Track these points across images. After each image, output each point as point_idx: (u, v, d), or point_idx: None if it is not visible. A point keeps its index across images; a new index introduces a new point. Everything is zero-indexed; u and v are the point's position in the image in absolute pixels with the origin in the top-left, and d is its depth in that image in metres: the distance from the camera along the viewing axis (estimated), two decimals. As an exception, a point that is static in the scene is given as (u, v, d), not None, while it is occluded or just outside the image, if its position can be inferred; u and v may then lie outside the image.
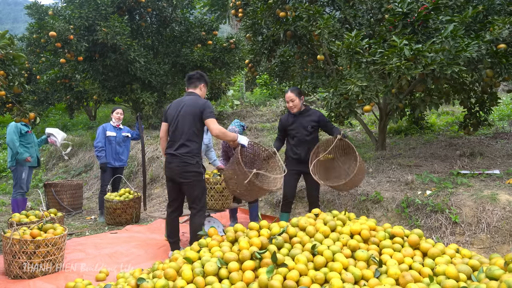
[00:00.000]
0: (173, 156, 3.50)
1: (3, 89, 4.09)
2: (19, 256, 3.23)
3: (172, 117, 3.57)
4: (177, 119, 3.53)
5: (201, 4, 16.92)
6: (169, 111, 3.64)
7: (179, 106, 3.58)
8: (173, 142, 3.55)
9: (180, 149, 3.47)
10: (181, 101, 3.64)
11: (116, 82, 9.36)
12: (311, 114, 4.09)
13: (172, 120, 3.57)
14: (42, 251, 3.26)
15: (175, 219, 3.71)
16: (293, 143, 4.13)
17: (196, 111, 3.50)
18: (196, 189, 3.53)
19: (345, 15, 5.11)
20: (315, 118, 4.07)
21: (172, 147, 3.53)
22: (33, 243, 3.25)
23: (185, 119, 3.50)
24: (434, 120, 7.57)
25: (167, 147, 3.60)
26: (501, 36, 3.83)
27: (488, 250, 3.44)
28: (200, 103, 3.54)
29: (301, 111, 4.10)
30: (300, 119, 4.09)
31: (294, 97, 4.04)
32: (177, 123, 3.52)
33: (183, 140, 3.48)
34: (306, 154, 4.03)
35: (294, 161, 4.12)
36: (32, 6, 8.78)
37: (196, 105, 3.53)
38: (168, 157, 3.56)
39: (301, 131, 4.07)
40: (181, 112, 3.53)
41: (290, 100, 4.06)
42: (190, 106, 3.53)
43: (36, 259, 3.25)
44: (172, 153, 3.51)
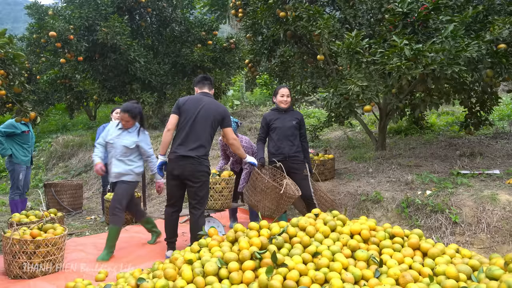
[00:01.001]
0: (186, 157, 3.41)
1: (3, 89, 4.09)
2: (19, 256, 3.23)
3: (191, 114, 3.45)
4: (197, 119, 3.44)
5: (201, 4, 16.91)
6: (185, 106, 3.49)
7: (198, 104, 3.48)
8: (187, 141, 3.43)
9: (197, 150, 3.41)
10: (200, 99, 3.53)
11: (116, 82, 9.36)
12: (295, 113, 4.33)
13: (190, 118, 3.45)
14: (42, 251, 3.26)
15: (176, 219, 3.68)
16: (276, 139, 4.22)
17: (217, 116, 3.50)
18: (203, 190, 3.53)
19: (345, 15, 5.11)
20: (298, 117, 4.28)
21: (186, 147, 3.41)
22: (33, 243, 3.24)
23: (207, 121, 3.45)
24: (434, 120, 7.57)
25: (178, 144, 3.46)
26: (501, 36, 3.83)
27: (488, 250, 3.44)
28: (222, 109, 3.55)
29: (286, 108, 4.29)
30: (285, 115, 4.27)
31: (289, 93, 4.29)
32: (197, 123, 3.44)
33: (202, 141, 3.44)
34: (289, 150, 4.16)
35: (277, 158, 4.19)
36: (32, 6, 8.78)
37: (218, 109, 3.52)
38: (179, 159, 3.43)
39: (285, 126, 4.20)
40: (202, 112, 3.45)
41: (286, 95, 4.26)
42: (212, 109, 3.49)
43: (36, 259, 3.25)
44: (185, 154, 3.40)
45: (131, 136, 3.94)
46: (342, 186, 4.89)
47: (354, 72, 4.26)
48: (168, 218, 3.65)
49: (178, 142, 3.47)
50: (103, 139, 4.06)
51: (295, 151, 4.17)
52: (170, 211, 3.64)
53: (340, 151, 6.66)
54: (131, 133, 3.96)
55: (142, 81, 9.26)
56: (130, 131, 3.96)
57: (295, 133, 4.20)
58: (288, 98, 4.24)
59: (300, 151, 4.22)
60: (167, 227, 3.68)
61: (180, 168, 3.44)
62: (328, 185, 4.98)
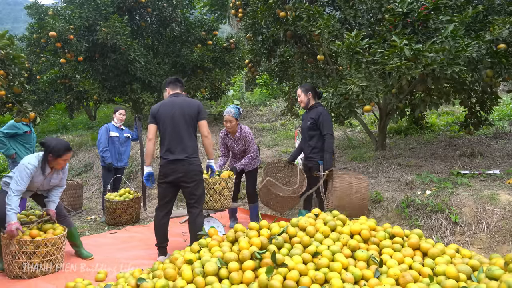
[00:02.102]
0: (176, 161, 3.42)
1: (3, 89, 4.09)
2: (18, 256, 3.23)
3: (168, 120, 3.46)
4: (174, 122, 3.44)
5: (201, 4, 16.92)
6: (160, 113, 3.50)
7: (172, 107, 3.49)
8: (173, 145, 3.44)
9: (184, 151, 3.43)
10: (171, 102, 3.54)
11: (116, 82, 9.36)
12: (313, 112, 4.19)
13: (168, 124, 3.47)
14: (41, 251, 3.26)
15: (167, 223, 3.61)
16: (302, 139, 4.41)
17: (192, 113, 3.50)
18: (199, 188, 3.53)
19: (345, 15, 5.10)
20: (314, 116, 4.14)
21: (173, 152, 3.43)
22: (33, 243, 3.24)
23: (185, 119, 3.47)
24: (434, 120, 7.57)
25: (165, 151, 3.48)
26: (501, 36, 3.83)
27: (488, 250, 3.44)
28: (196, 103, 3.56)
29: (307, 107, 4.30)
30: (306, 115, 4.31)
31: (300, 92, 4.28)
32: (175, 126, 3.45)
33: (186, 142, 3.45)
34: (306, 150, 4.28)
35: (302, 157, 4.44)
36: (32, 6, 8.78)
37: (192, 105, 3.53)
38: (170, 163, 3.43)
39: (303, 127, 4.30)
40: (177, 114, 3.46)
41: (298, 95, 4.32)
42: (187, 107, 3.50)
43: (36, 259, 3.25)
44: (175, 158, 3.41)
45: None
46: (342, 186, 4.89)
47: (354, 72, 4.26)
48: (158, 222, 3.56)
49: (165, 149, 3.49)
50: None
51: (311, 152, 4.19)
52: (161, 215, 3.56)
53: (340, 151, 6.66)
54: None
55: (142, 81, 9.26)
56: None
57: (311, 134, 4.16)
58: (300, 97, 4.26)
59: (318, 151, 4.11)
60: (158, 232, 3.59)
61: (173, 171, 3.44)
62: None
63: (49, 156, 3.36)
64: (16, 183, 3.25)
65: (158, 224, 3.56)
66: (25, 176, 3.28)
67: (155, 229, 3.59)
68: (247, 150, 4.55)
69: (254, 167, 4.61)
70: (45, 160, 3.38)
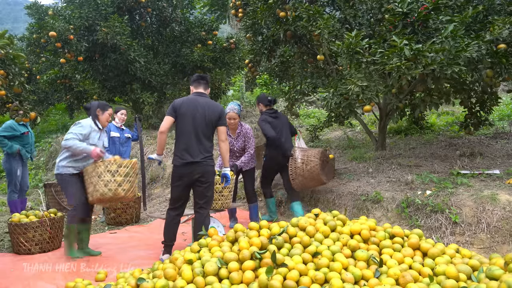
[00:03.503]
0: (194, 163, 3.41)
1: (3, 89, 4.09)
2: (104, 175, 3.48)
3: (189, 119, 3.43)
4: (195, 122, 3.43)
5: (201, 4, 16.92)
6: (182, 110, 3.45)
7: (195, 107, 3.46)
8: (190, 146, 3.42)
9: (202, 154, 3.43)
10: (195, 101, 3.50)
11: (116, 82, 9.37)
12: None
13: (189, 123, 3.43)
14: (123, 170, 3.55)
15: (178, 223, 3.63)
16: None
17: (215, 116, 3.49)
18: (210, 190, 3.54)
19: (345, 15, 5.11)
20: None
21: (191, 153, 3.40)
22: (115, 162, 3.57)
23: (206, 122, 3.45)
24: (434, 120, 7.57)
25: (182, 150, 3.43)
26: (501, 36, 3.82)
27: (488, 250, 3.44)
28: (219, 109, 3.55)
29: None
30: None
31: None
32: (197, 128, 3.43)
33: (205, 144, 3.46)
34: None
35: None
36: (32, 6, 8.79)
37: (214, 110, 3.51)
38: (187, 165, 3.41)
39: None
40: (199, 115, 3.44)
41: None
42: (209, 110, 3.48)
43: (118, 177, 3.50)
44: (193, 161, 3.40)
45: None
46: (342, 186, 4.89)
47: (354, 72, 4.26)
48: (170, 221, 3.58)
49: (182, 147, 3.45)
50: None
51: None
52: (173, 215, 3.57)
53: (340, 151, 6.66)
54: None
55: (142, 81, 9.26)
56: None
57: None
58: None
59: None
60: (168, 231, 3.59)
61: (189, 172, 3.43)
62: (328, 185, 4.97)
63: (97, 111, 3.89)
64: (73, 135, 3.66)
65: (170, 223, 3.57)
66: (80, 131, 3.70)
67: (165, 227, 3.59)
68: (246, 147, 4.56)
69: (252, 166, 4.63)
70: (94, 118, 3.90)
